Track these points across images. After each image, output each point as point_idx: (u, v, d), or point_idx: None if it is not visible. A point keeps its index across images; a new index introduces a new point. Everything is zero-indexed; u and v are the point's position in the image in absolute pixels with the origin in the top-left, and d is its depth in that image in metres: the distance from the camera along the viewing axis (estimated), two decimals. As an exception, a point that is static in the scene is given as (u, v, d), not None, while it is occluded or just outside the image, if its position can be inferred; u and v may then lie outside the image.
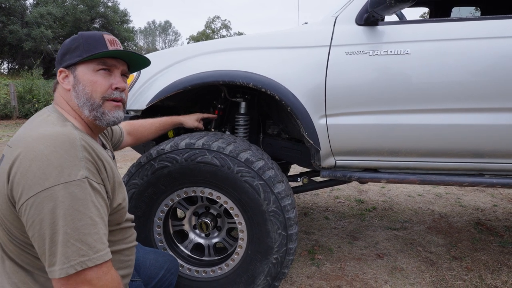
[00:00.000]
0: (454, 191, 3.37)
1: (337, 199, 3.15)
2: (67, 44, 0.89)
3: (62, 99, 0.89)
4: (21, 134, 0.78)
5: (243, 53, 1.47)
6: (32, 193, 0.68)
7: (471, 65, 1.31)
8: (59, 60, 0.89)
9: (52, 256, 0.68)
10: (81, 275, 0.68)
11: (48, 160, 0.70)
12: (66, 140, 0.73)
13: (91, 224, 0.70)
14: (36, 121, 0.82)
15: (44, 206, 0.67)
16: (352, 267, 1.88)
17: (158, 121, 1.45)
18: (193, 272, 1.47)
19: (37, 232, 0.68)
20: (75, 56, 0.87)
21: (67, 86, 0.87)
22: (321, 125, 1.42)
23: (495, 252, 2.06)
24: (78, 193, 0.70)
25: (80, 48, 0.86)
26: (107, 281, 0.71)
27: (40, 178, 0.68)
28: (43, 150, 0.70)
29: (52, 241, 0.67)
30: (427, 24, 1.38)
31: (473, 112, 1.33)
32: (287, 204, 1.34)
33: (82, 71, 0.87)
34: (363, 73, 1.36)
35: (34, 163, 0.69)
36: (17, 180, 0.69)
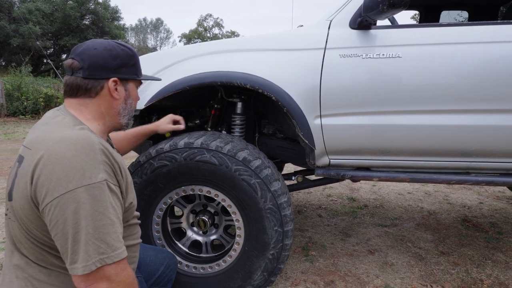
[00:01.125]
0: (442, 189, 3.47)
1: (329, 197, 3.22)
2: (125, 58, 0.93)
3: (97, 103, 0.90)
4: (39, 137, 0.80)
5: (240, 55, 1.51)
6: (57, 195, 0.71)
7: (458, 69, 1.37)
8: (113, 70, 0.90)
9: (74, 254, 0.71)
10: (101, 271, 0.72)
11: (70, 163, 0.73)
12: (86, 144, 0.77)
13: (109, 224, 0.74)
14: (52, 123, 0.84)
15: (67, 207, 0.71)
16: (345, 263, 1.94)
17: (131, 132, 1.43)
18: (191, 269, 1.50)
19: (61, 231, 0.72)
20: (132, 73, 0.95)
21: (117, 96, 0.92)
22: (316, 125, 1.47)
23: (481, 247, 2.15)
24: (98, 194, 0.74)
25: (136, 66, 0.97)
26: (124, 277, 0.75)
27: (63, 181, 0.72)
28: (65, 153, 0.74)
29: (74, 240, 0.71)
30: (417, 29, 1.44)
31: (460, 114, 1.40)
32: (283, 202, 1.38)
33: (132, 87, 0.99)
34: (357, 75, 1.41)
35: (57, 165, 0.72)
36: (41, 182, 0.72)
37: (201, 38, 43.09)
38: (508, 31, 1.37)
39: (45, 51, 18.98)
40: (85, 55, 0.87)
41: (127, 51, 0.94)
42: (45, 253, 0.80)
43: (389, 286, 1.71)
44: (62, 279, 0.81)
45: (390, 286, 1.71)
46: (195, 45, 1.61)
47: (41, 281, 0.80)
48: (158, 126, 1.45)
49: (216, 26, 44.36)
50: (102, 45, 0.90)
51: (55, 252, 0.80)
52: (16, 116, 10.14)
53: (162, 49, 49.34)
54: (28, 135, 0.87)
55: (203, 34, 43.22)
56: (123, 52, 0.93)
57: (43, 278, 0.80)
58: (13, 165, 0.84)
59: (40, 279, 0.80)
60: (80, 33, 20.18)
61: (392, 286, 1.70)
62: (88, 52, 0.88)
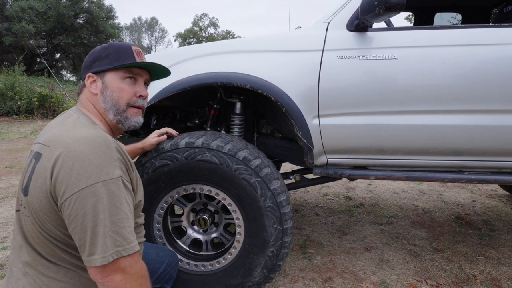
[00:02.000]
0: (437, 188, 3.54)
1: (326, 196, 3.26)
2: (98, 52, 0.96)
3: (89, 102, 0.96)
4: (57, 135, 0.83)
5: (240, 56, 1.53)
6: (76, 189, 0.74)
7: (451, 71, 1.41)
8: (88, 66, 0.95)
9: (93, 246, 0.74)
10: (116, 263, 0.75)
11: (89, 160, 0.76)
12: (102, 142, 0.80)
13: (125, 218, 0.77)
14: (68, 122, 0.88)
15: (87, 201, 0.74)
16: (342, 260, 1.97)
17: None
18: (192, 266, 1.52)
19: (80, 224, 0.74)
20: (105, 64, 0.94)
21: (94, 91, 0.94)
22: (314, 125, 1.50)
23: (474, 244, 2.20)
24: (115, 190, 0.77)
25: (110, 56, 0.94)
26: (137, 269, 0.79)
27: (83, 176, 0.75)
28: (84, 150, 0.77)
29: (93, 232, 0.74)
30: (412, 31, 1.48)
31: (454, 114, 1.44)
32: (282, 200, 1.41)
33: (110, 78, 0.95)
34: (354, 76, 1.44)
35: (76, 162, 0.75)
36: (60, 178, 0.75)
37: (197, 38, 42.96)
38: (498, 34, 1.42)
39: (39, 50, 18.77)
40: None
41: (103, 46, 0.97)
42: (56, 248, 0.82)
43: (385, 282, 1.75)
44: (71, 275, 0.83)
45: (386, 282, 1.75)
46: (195, 46, 1.63)
47: (50, 277, 0.81)
48: (144, 144, 1.42)
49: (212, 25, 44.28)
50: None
51: (66, 247, 0.82)
52: (9, 116, 10.03)
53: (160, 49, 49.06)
54: (43, 133, 0.90)
55: (199, 33, 43.09)
56: (98, 48, 0.97)
57: (52, 274, 0.82)
58: (28, 161, 0.86)
59: (49, 275, 0.82)
60: (74, 32, 20.00)
61: (388, 282, 1.74)
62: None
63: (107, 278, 0.75)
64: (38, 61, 20.49)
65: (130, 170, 0.86)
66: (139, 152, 1.44)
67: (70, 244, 0.81)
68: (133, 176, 0.89)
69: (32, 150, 0.89)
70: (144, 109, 1.03)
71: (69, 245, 0.81)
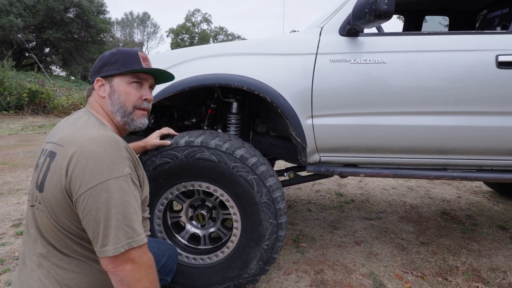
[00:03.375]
0: (424, 185, 3.67)
1: (318, 192, 3.36)
2: (106, 57, 1.03)
3: (98, 104, 1.02)
4: (69, 135, 0.89)
5: (238, 58, 1.60)
6: (90, 186, 0.80)
7: (436, 75, 1.50)
8: (97, 70, 1.02)
9: (105, 238, 0.80)
10: (127, 254, 0.81)
11: (101, 158, 0.82)
12: (112, 141, 0.87)
13: (134, 212, 0.84)
14: (79, 123, 0.94)
15: (100, 196, 0.80)
16: (333, 253, 2.07)
17: None
18: (191, 260, 1.59)
19: (93, 218, 0.81)
20: (113, 69, 1.01)
21: (102, 94, 1.01)
22: (307, 125, 1.58)
23: (457, 238, 2.32)
24: (125, 186, 0.83)
25: (118, 62, 1.01)
26: (145, 259, 0.85)
27: (96, 173, 0.81)
28: (96, 149, 0.83)
29: (106, 225, 0.80)
30: (401, 37, 1.56)
31: (438, 115, 1.54)
32: (277, 196, 1.49)
33: (118, 82, 1.01)
34: (346, 79, 1.52)
35: (90, 160, 0.82)
36: (75, 175, 0.81)
37: (189, 34, 42.60)
38: (479, 40, 1.51)
39: (28, 45, 18.40)
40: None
41: (111, 52, 1.04)
42: (69, 241, 0.88)
43: (374, 273, 1.85)
44: (82, 266, 0.89)
45: (375, 273, 1.85)
46: (194, 48, 1.68)
47: (63, 268, 0.87)
48: (146, 143, 1.47)
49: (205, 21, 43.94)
50: None
51: (79, 240, 0.88)
52: (-2, 112, 9.87)
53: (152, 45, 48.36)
54: (55, 133, 0.96)
55: (191, 29, 42.72)
56: (107, 53, 1.04)
57: (64, 265, 0.88)
58: (42, 160, 0.92)
59: (62, 266, 0.88)
60: (64, 27, 19.63)
61: (376, 274, 1.84)
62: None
63: (118, 268, 0.81)
64: (27, 56, 20.08)
65: (137, 168, 0.93)
66: (140, 151, 1.49)
67: (83, 236, 0.87)
68: (140, 173, 0.95)
69: (44, 149, 0.94)
70: (149, 111, 1.10)
71: (82, 238, 0.87)
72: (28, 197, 0.95)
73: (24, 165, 4.37)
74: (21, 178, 3.71)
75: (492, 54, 1.49)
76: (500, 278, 1.82)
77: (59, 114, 10.75)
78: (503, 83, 1.49)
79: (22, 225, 2.43)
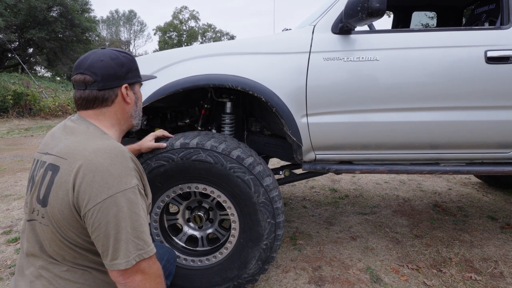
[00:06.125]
0: (416, 178, 3.73)
1: (313, 189, 3.38)
2: (129, 64, 1.00)
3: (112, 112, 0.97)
4: (71, 147, 0.86)
5: (231, 58, 1.58)
6: (99, 200, 0.79)
7: (427, 71, 1.53)
8: (123, 76, 0.97)
9: (116, 252, 0.79)
10: (137, 265, 0.81)
11: (108, 171, 0.81)
12: (118, 153, 0.85)
13: (143, 223, 0.83)
14: (79, 132, 0.90)
15: (109, 210, 0.79)
16: (330, 249, 2.09)
17: None
18: (189, 262, 1.58)
19: (103, 232, 0.79)
20: (137, 76, 1.03)
21: (129, 100, 1.00)
22: (302, 124, 1.58)
23: (449, 229, 2.38)
24: (133, 198, 0.82)
25: (138, 69, 1.04)
26: (155, 269, 0.85)
27: (104, 187, 0.79)
28: (103, 162, 0.82)
29: (116, 239, 0.79)
30: (393, 34, 1.58)
31: (430, 111, 1.56)
32: (275, 196, 1.49)
33: (138, 89, 1.06)
34: (339, 77, 1.53)
35: (97, 174, 0.80)
36: (83, 189, 0.79)
37: (177, 31, 42.10)
38: (467, 36, 1.54)
39: (10, 45, 17.86)
40: (95, 68, 0.92)
41: (128, 57, 1.01)
42: (75, 253, 0.86)
43: (370, 268, 1.87)
44: (87, 277, 0.87)
45: (371, 268, 1.88)
46: (187, 48, 1.66)
47: (66, 279, 0.86)
48: (141, 146, 1.45)
49: (192, 18, 43.45)
50: (106, 55, 0.96)
51: (85, 252, 0.86)
52: (-19, 115, 9.59)
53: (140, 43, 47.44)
54: (52, 144, 0.91)
55: (179, 27, 42.21)
56: (125, 58, 0.99)
57: (68, 276, 0.86)
58: (41, 172, 0.87)
59: (65, 277, 0.86)
60: (47, 26, 19.11)
61: (373, 268, 1.87)
62: (97, 65, 0.93)
63: (128, 279, 0.80)
64: (10, 57, 19.51)
65: (142, 177, 0.92)
66: (135, 154, 1.47)
67: (89, 248, 0.85)
68: (145, 182, 0.95)
69: (41, 161, 0.90)
70: None
71: (88, 250, 0.86)
72: (25, 211, 0.92)
73: (11, 169, 4.27)
74: (9, 184, 3.62)
75: (481, 50, 1.52)
76: (492, 268, 1.87)
77: (46, 116, 10.51)
78: (492, 78, 1.52)
79: (13, 232, 2.38)
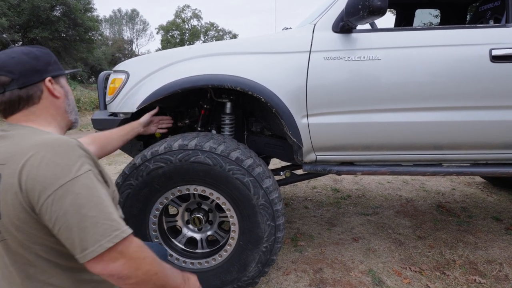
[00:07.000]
0: (419, 178, 3.69)
1: (314, 189, 3.35)
2: (45, 57, 0.91)
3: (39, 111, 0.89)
4: (7, 150, 0.78)
5: (230, 58, 1.56)
6: (49, 192, 0.71)
7: (430, 70, 1.49)
8: (43, 69, 0.89)
9: (83, 241, 0.72)
10: (113, 250, 0.73)
11: (53, 162, 0.73)
12: (61, 143, 0.77)
13: (109, 205, 0.76)
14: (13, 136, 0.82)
15: (64, 200, 0.72)
16: (332, 251, 2.07)
17: (116, 132, 1.45)
18: (188, 264, 1.57)
19: (63, 224, 0.72)
20: (58, 69, 0.93)
21: (58, 94, 0.91)
22: (303, 124, 1.55)
23: (453, 231, 2.34)
24: (89, 183, 0.75)
25: (57, 61, 0.94)
26: (134, 248, 0.77)
27: (52, 178, 0.72)
28: (45, 155, 0.74)
29: (80, 228, 0.72)
30: (395, 33, 1.54)
31: (433, 111, 1.53)
32: (274, 198, 1.47)
33: (64, 82, 0.96)
34: (340, 77, 1.50)
35: (41, 167, 0.72)
36: (30, 187, 0.72)
37: (179, 30, 42.11)
38: (472, 35, 1.50)
39: (14, 45, 17.96)
40: (8, 67, 0.83)
41: (42, 50, 0.93)
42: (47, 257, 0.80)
43: (373, 270, 1.85)
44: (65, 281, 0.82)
45: (373, 270, 1.85)
46: (186, 48, 1.64)
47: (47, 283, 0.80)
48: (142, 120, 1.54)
49: (195, 17, 43.43)
50: (18, 52, 0.88)
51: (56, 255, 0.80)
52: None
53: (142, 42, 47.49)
54: None
55: (181, 26, 42.22)
56: (39, 52, 0.92)
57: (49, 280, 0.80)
58: None
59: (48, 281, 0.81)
60: (50, 25, 19.19)
61: (375, 271, 1.85)
62: (10, 63, 0.84)
63: (110, 267, 0.73)
64: (13, 56, 19.58)
65: (96, 163, 0.83)
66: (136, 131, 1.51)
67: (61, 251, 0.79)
68: (101, 168, 0.86)
69: None
70: None
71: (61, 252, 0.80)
72: None
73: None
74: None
75: (486, 48, 1.48)
76: (496, 270, 1.84)
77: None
78: (497, 77, 1.49)
79: None
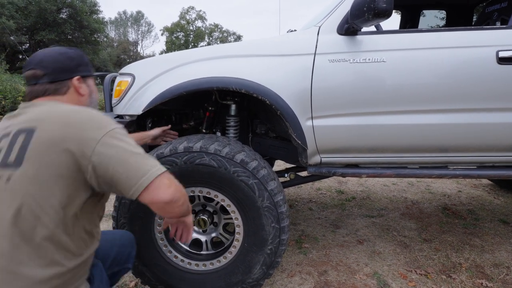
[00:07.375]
0: (424, 179, 3.66)
1: (319, 190, 3.34)
2: (79, 58, 1.04)
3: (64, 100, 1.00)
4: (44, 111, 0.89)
5: (235, 61, 1.57)
6: (99, 137, 0.85)
7: (436, 72, 1.49)
8: (74, 69, 1.01)
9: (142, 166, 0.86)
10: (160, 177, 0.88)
11: (91, 116, 0.88)
12: (91, 110, 0.93)
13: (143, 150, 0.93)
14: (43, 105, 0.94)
15: (113, 141, 0.86)
16: (336, 253, 2.06)
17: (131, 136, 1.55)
18: (193, 266, 1.57)
19: (117, 160, 0.84)
20: (88, 70, 1.06)
21: (83, 92, 1.03)
22: (308, 127, 1.55)
23: (459, 233, 2.32)
24: (125, 132, 0.92)
25: (89, 64, 1.06)
26: (173, 179, 0.94)
27: (96, 128, 0.86)
28: (82, 113, 0.89)
29: (135, 156, 0.87)
30: (400, 35, 1.54)
31: (439, 113, 1.52)
32: (279, 200, 1.47)
33: (91, 83, 1.08)
34: (345, 79, 1.50)
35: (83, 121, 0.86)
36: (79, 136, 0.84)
37: (184, 32, 42.30)
38: (478, 37, 1.49)
39: (21, 47, 18.18)
40: (45, 63, 0.96)
41: (77, 52, 1.05)
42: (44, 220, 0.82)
43: (378, 273, 1.84)
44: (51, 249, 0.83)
45: (378, 273, 1.84)
46: (191, 50, 1.65)
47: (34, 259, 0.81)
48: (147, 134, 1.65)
49: (199, 18, 43.60)
50: (55, 51, 1.01)
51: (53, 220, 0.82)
52: (-7, 116, 9.77)
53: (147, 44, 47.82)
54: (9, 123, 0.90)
55: (186, 27, 42.41)
56: (74, 53, 1.04)
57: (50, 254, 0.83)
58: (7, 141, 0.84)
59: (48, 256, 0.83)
60: (57, 27, 19.43)
61: (380, 273, 1.84)
62: (46, 60, 0.97)
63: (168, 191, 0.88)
64: (21, 58, 19.87)
65: None
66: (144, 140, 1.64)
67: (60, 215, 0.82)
68: None
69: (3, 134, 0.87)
70: None
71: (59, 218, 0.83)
72: None
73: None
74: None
75: (493, 50, 1.47)
76: (503, 274, 1.82)
77: (55, 116, 10.65)
78: (504, 79, 1.48)
79: None
